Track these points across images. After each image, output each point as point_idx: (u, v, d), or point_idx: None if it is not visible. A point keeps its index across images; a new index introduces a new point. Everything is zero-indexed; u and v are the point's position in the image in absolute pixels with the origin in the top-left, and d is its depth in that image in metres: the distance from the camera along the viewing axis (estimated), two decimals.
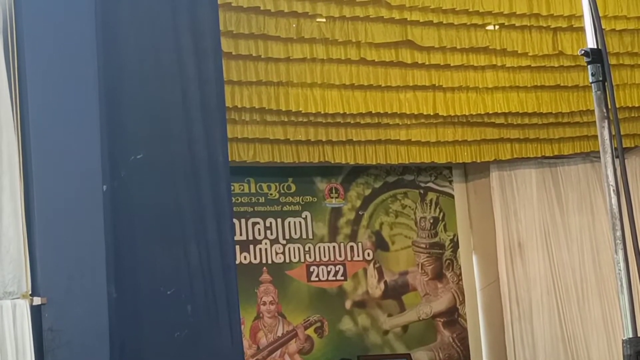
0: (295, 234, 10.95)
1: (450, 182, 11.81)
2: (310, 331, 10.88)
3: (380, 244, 11.35)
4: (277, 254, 10.82)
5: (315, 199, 11.12)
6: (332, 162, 10.32)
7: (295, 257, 10.90)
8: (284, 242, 10.88)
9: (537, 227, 11.48)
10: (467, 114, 10.21)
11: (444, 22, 9.29)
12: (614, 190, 3.09)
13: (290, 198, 11.00)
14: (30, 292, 6.11)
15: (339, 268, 11.08)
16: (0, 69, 6.21)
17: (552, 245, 11.45)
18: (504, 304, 11.30)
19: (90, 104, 6.18)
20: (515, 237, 11.46)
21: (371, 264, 11.25)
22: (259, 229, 10.79)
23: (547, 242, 11.46)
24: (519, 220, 11.49)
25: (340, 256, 11.10)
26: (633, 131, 11.01)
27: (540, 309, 11.32)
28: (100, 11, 6.27)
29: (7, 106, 6.20)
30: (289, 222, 10.94)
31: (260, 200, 10.85)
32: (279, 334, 10.74)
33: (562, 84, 10.24)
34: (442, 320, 11.49)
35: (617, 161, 3.13)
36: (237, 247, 9.99)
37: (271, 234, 10.83)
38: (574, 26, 9.56)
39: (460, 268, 11.66)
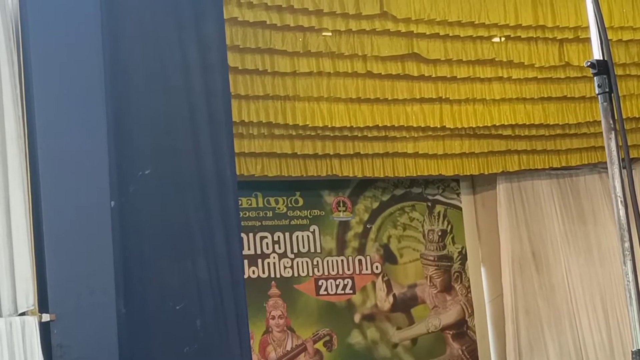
0: (304, 247, 10.94)
1: (458, 194, 11.81)
2: (319, 345, 10.87)
3: (389, 257, 11.34)
4: (285, 268, 10.81)
5: (323, 213, 11.12)
6: (340, 175, 10.31)
7: (303, 271, 10.90)
8: (292, 256, 10.87)
9: (544, 239, 11.46)
10: (474, 126, 10.20)
11: (450, 34, 9.30)
12: (621, 201, 3.09)
13: (298, 212, 10.99)
14: (39, 309, 6.12)
15: (348, 281, 11.07)
16: (7, 88, 6.23)
17: (560, 257, 11.43)
18: (506, 316, 11.26)
19: (97, 120, 6.20)
20: (525, 249, 11.43)
21: (380, 277, 11.23)
22: (267, 243, 10.78)
23: (554, 253, 11.44)
24: (530, 232, 11.47)
25: (348, 270, 11.09)
26: None
27: (548, 321, 11.29)
28: (107, 27, 6.29)
29: (15, 124, 6.22)
30: (297, 236, 10.94)
31: (268, 215, 10.84)
32: (288, 348, 10.72)
33: (568, 95, 10.24)
34: (451, 332, 11.48)
35: (624, 172, 3.13)
36: (246, 261, 9.99)
37: (279, 248, 10.83)
38: (580, 37, 9.57)
39: (468, 280, 11.64)
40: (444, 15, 9.09)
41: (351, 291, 11.08)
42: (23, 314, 6.11)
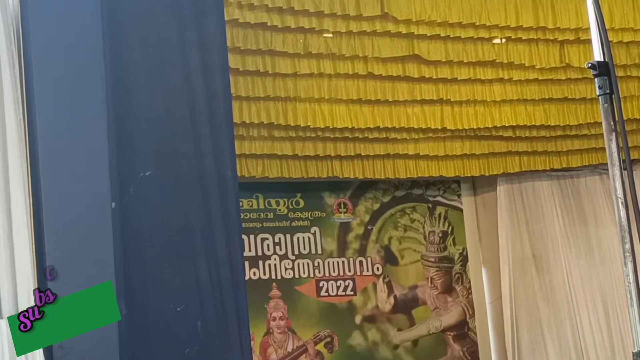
0: (304, 249, 10.94)
1: (459, 195, 11.81)
2: (320, 346, 10.87)
3: (390, 259, 11.34)
4: (286, 269, 10.81)
5: (324, 214, 11.12)
6: (341, 177, 10.31)
7: (304, 273, 10.90)
8: (293, 257, 10.87)
9: (545, 240, 11.46)
10: (475, 127, 10.20)
11: (451, 35, 9.31)
12: (622, 202, 3.09)
13: (299, 213, 11.00)
14: None
15: (349, 283, 11.07)
16: (8, 90, 6.23)
17: (561, 258, 11.42)
18: (505, 317, 11.25)
19: (98, 121, 6.19)
20: (525, 250, 11.43)
21: (380, 279, 11.23)
22: (268, 245, 10.78)
23: (555, 254, 11.44)
24: (531, 233, 11.47)
25: (349, 271, 11.09)
26: None
27: (549, 322, 11.29)
28: (107, 29, 6.28)
29: (17, 126, 6.22)
30: (298, 238, 10.94)
31: (269, 216, 10.85)
32: (289, 349, 10.72)
33: (569, 97, 10.24)
34: (452, 334, 11.47)
35: (625, 173, 3.13)
36: (247, 262, 9.99)
37: (280, 249, 10.83)
38: (580, 38, 9.58)
39: (469, 282, 11.64)
40: (445, 17, 9.09)
41: (352, 292, 11.08)
42: None
